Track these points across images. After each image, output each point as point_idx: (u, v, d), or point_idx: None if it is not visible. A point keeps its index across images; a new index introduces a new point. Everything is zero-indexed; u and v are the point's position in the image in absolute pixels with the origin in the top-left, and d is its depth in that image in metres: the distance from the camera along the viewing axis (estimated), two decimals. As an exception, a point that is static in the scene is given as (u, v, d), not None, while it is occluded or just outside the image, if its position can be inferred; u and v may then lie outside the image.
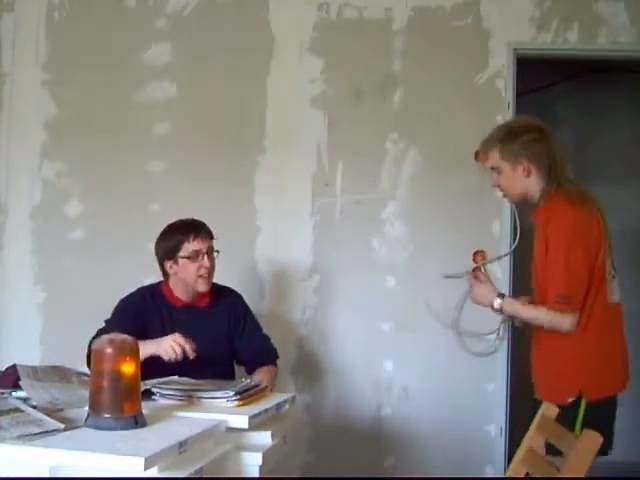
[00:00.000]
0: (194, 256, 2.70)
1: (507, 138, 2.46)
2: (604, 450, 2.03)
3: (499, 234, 3.45)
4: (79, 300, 3.50)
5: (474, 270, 2.53)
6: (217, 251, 2.77)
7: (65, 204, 3.60)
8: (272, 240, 3.53)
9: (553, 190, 2.42)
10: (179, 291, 2.77)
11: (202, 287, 2.73)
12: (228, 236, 3.49)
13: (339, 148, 3.52)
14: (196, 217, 2.81)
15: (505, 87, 3.47)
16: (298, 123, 3.55)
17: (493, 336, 3.37)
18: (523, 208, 3.49)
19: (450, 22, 3.50)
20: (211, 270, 2.74)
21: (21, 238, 3.61)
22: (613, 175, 4.77)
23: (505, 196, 2.61)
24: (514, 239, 3.45)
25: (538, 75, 4.22)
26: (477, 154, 3.42)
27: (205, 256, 2.71)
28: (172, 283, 2.78)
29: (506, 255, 3.42)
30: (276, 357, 2.88)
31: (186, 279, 2.73)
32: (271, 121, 3.55)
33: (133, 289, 2.84)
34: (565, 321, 2.32)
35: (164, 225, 2.80)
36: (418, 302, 3.43)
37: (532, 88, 4.28)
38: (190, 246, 2.70)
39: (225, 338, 2.80)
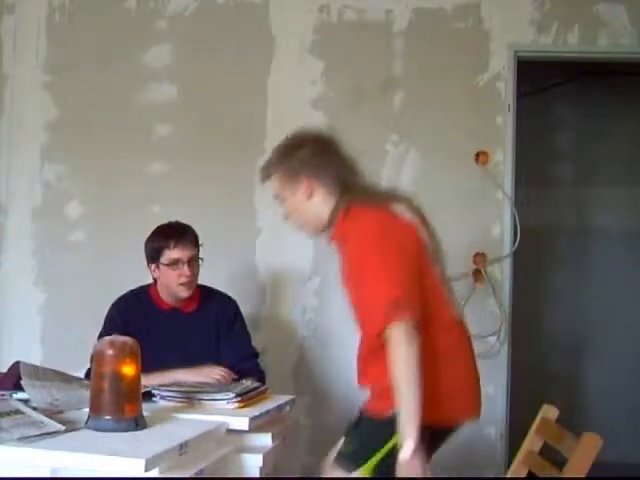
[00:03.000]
0: (174, 264, 2.61)
1: (279, 158, 2.12)
2: None
3: (499, 236, 3.45)
4: (80, 301, 3.50)
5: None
6: (201, 258, 2.68)
7: (66, 206, 3.60)
8: (272, 242, 3.53)
9: (345, 204, 2.00)
10: (164, 295, 2.71)
11: (183, 293, 2.66)
12: (228, 238, 3.51)
13: (339, 150, 3.52)
14: (196, 219, 2.80)
15: (505, 89, 3.47)
16: (298, 125, 3.52)
17: (494, 338, 3.38)
18: (523, 211, 3.53)
19: (451, 24, 3.51)
20: (193, 278, 2.65)
21: (22, 239, 3.61)
22: (613, 177, 4.78)
23: (299, 229, 2.16)
24: (514, 241, 3.47)
25: (538, 77, 4.23)
26: (478, 156, 3.44)
27: (185, 265, 2.61)
28: (158, 286, 2.72)
29: (506, 257, 3.43)
30: (259, 374, 2.63)
31: (168, 285, 2.66)
32: (271, 123, 3.55)
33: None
34: (400, 335, 1.76)
35: (164, 227, 2.79)
36: (418, 304, 3.43)
37: (532, 90, 4.29)
38: (170, 254, 2.62)
39: (212, 343, 2.70)
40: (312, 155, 2.05)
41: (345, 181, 2.04)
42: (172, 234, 2.65)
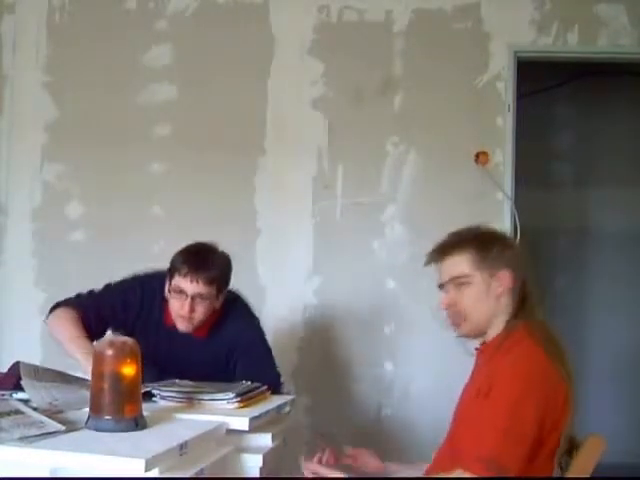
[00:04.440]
0: (178, 292, 2.37)
1: (485, 242, 1.84)
2: None
3: (499, 236, 3.45)
4: (79, 302, 3.50)
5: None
6: (210, 302, 2.38)
7: (65, 205, 3.60)
8: (272, 242, 3.53)
9: (519, 324, 1.78)
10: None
11: (180, 326, 2.41)
12: (228, 238, 3.50)
13: (339, 150, 3.53)
14: (196, 219, 2.79)
15: (505, 89, 3.48)
16: (298, 125, 3.56)
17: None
18: (523, 211, 3.53)
19: (450, 24, 3.51)
20: (192, 316, 2.37)
21: (22, 239, 3.61)
22: (613, 177, 4.79)
23: (455, 323, 1.88)
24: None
25: (538, 77, 4.23)
26: (478, 156, 3.44)
27: (188, 299, 2.34)
28: None
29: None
30: (271, 383, 2.33)
31: (170, 308, 2.43)
32: (271, 123, 3.55)
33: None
34: None
35: (164, 226, 2.79)
36: (418, 304, 3.44)
37: (532, 90, 4.29)
38: (177, 281, 2.36)
39: (220, 367, 2.46)
40: (515, 253, 1.83)
41: (525, 293, 1.82)
42: (190, 261, 2.37)
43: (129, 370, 1.73)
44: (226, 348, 2.48)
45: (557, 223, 4.80)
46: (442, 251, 1.88)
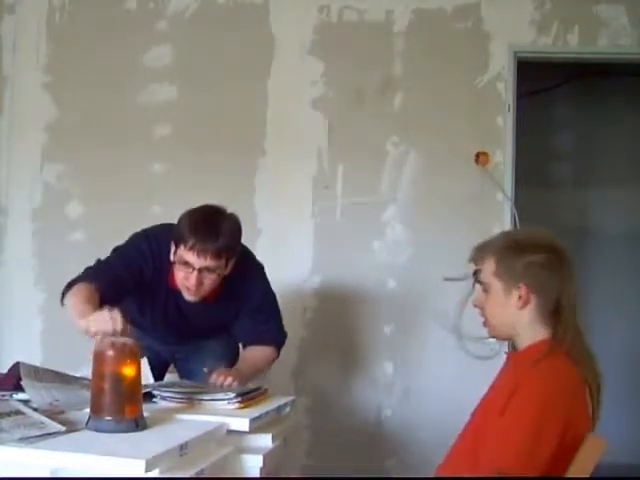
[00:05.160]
0: (184, 264, 2.25)
1: (509, 251, 1.79)
2: None
3: (499, 236, 3.45)
4: (79, 302, 3.50)
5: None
6: (218, 274, 2.29)
7: (66, 206, 3.60)
8: (272, 242, 3.53)
9: (552, 343, 1.74)
10: None
11: (186, 296, 2.33)
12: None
13: (339, 150, 3.53)
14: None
15: (505, 90, 3.48)
16: (299, 125, 3.56)
17: (494, 339, 3.38)
18: (523, 211, 3.53)
19: (451, 25, 3.51)
20: (199, 288, 2.29)
21: (22, 239, 3.61)
22: (613, 177, 4.79)
23: (486, 325, 1.85)
24: (514, 241, 3.46)
25: (538, 77, 4.23)
26: (478, 156, 3.45)
27: (195, 272, 2.24)
28: None
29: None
30: (276, 340, 2.55)
31: (176, 278, 2.34)
32: (272, 123, 3.55)
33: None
34: None
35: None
36: (418, 304, 3.44)
37: (532, 90, 4.29)
38: (183, 252, 2.24)
39: (228, 322, 2.54)
40: (541, 267, 1.74)
41: (561, 313, 1.77)
42: (197, 232, 2.23)
43: (129, 371, 1.73)
44: (235, 308, 2.48)
45: (557, 223, 4.79)
46: (475, 251, 1.88)
